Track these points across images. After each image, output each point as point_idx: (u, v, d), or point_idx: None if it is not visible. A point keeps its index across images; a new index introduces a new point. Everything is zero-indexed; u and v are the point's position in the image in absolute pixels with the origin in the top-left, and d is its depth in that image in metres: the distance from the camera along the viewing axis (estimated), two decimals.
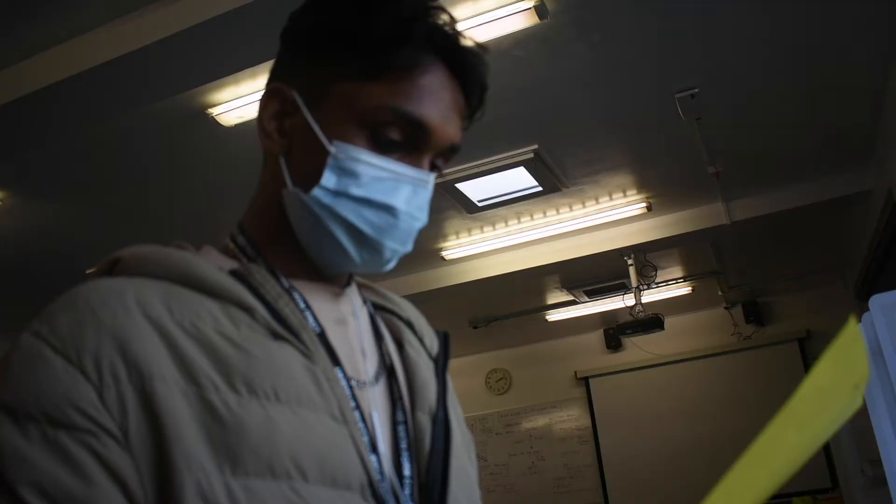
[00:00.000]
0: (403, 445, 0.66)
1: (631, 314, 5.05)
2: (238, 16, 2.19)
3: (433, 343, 0.81)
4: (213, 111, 2.87)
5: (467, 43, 0.70)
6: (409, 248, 0.69)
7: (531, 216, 4.40)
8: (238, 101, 2.82)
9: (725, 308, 6.55)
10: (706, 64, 2.97)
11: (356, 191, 0.65)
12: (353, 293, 0.74)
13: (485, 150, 3.51)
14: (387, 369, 0.72)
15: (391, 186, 0.66)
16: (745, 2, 2.60)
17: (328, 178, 0.65)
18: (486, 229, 4.51)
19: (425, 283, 4.95)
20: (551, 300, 6.04)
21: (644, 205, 4.25)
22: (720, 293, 6.12)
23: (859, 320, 1.75)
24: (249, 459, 0.53)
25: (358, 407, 0.64)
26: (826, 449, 5.66)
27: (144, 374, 0.53)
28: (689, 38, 2.79)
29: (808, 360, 6.26)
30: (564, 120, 3.34)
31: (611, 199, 4.25)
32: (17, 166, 3.17)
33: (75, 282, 0.59)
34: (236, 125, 2.95)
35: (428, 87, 0.66)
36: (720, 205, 4.35)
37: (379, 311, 0.80)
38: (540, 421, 7.10)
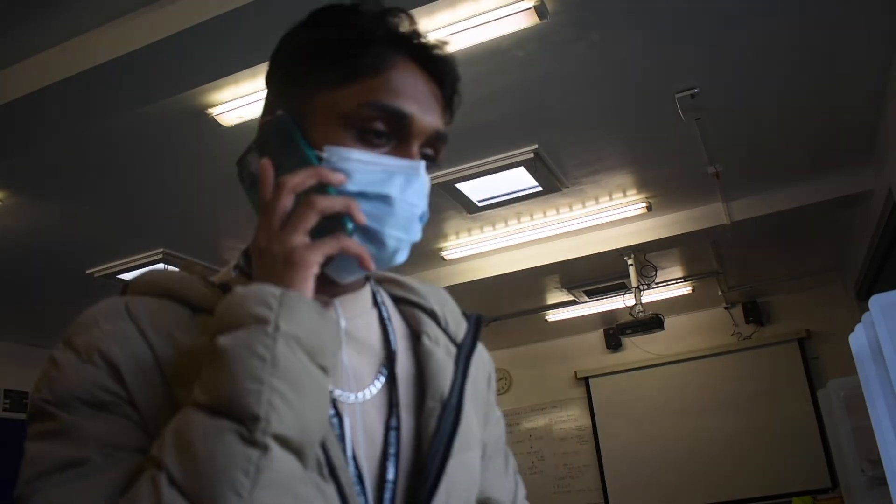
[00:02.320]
0: (392, 451, 0.71)
1: (631, 314, 5.05)
2: (238, 16, 2.19)
3: (458, 329, 0.84)
4: (213, 111, 2.88)
5: (429, 39, 0.74)
6: (413, 236, 0.71)
7: (531, 216, 4.40)
8: (238, 101, 2.82)
9: (725, 308, 6.55)
10: (706, 64, 2.97)
11: (351, 187, 0.68)
12: (356, 299, 0.77)
13: (485, 150, 3.51)
14: (389, 375, 0.76)
15: (383, 178, 0.69)
16: (744, 2, 2.60)
17: None
18: (486, 229, 4.51)
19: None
20: (551, 300, 6.04)
21: (644, 205, 4.25)
22: (720, 293, 6.12)
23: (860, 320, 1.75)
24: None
25: (338, 415, 0.70)
26: (826, 449, 5.67)
27: (120, 366, 0.64)
28: (689, 38, 2.79)
29: (808, 360, 6.26)
30: (564, 120, 3.34)
31: (611, 199, 4.25)
32: (17, 166, 3.17)
33: (75, 281, 0.60)
34: (236, 125, 2.95)
35: (400, 80, 0.71)
36: (720, 205, 4.36)
37: (401, 303, 0.84)
38: (540, 421, 7.11)
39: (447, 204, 4.00)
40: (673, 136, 3.54)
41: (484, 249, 4.66)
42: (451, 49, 0.76)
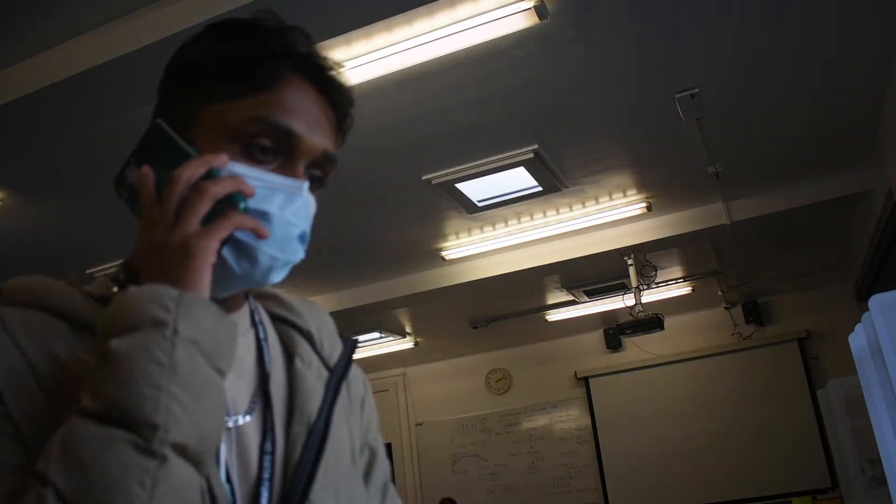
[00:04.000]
0: (266, 475, 0.69)
1: (631, 314, 5.05)
2: (238, 16, 2.19)
3: (333, 352, 0.83)
4: None
5: (325, 59, 0.74)
6: (290, 256, 0.69)
7: (531, 216, 4.40)
8: None
9: (725, 308, 6.55)
10: (706, 64, 2.96)
11: None
12: (235, 318, 0.74)
13: (485, 150, 3.50)
14: (264, 397, 0.74)
15: (264, 194, 0.67)
16: (744, 2, 2.60)
17: None
18: (486, 229, 4.51)
19: (425, 283, 4.95)
20: (551, 300, 6.03)
21: (644, 205, 4.25)
22: (720, 293, 6.12)
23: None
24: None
25: None
26: (826, 449, 5.67)
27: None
28: (689, 38, 2.79)
29: (808, 360, 6.26)
30: (564, 120, 3.34)
31: (611, 199, 4.25)
32: (17, 166, 3.17)
33: None
34: None
35: (290, 98, 0.70)
36: (720, 205, 4.35)
37: (278, 322, 0.83)
38: (540, 421, 7.11)
39: (447, 204, 4.00)
40: (673, 136, 3.54)
41: (484, 249, 4.66)
42: (355, 74, 0.76)
